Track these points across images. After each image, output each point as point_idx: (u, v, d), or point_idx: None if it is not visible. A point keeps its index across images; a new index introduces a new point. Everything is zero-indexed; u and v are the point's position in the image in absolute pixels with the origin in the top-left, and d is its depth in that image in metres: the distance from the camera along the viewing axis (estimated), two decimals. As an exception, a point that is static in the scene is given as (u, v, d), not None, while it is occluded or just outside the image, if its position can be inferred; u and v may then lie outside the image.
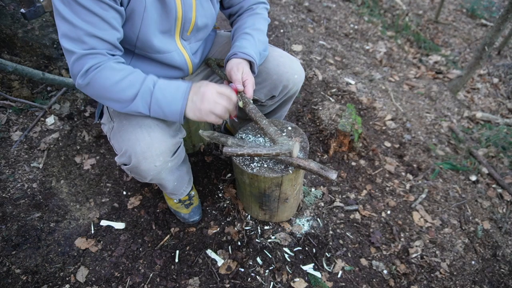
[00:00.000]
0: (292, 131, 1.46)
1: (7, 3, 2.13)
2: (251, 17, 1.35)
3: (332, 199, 1.94)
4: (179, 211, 1.70)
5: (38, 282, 1.47)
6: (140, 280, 1.52)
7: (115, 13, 0.99)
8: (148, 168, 1.14)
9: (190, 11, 1.15)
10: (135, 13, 1.04)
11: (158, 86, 1.04)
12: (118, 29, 1.02)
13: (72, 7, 0.93)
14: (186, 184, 1.58)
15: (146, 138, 1.10)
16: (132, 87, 1.02)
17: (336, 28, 3.93)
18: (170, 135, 1.17)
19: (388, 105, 2.77)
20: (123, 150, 1.13)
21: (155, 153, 1.12)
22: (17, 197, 1.73)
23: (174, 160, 1.24)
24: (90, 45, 0.97)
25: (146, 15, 1.05)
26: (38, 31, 2.22)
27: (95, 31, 0.96)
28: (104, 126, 1.28)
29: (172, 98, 1.04)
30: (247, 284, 1.54)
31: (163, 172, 1.22)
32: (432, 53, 4.30)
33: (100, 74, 0.99)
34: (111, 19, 0.98)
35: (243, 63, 1.21)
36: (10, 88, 2.14)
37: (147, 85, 1.03)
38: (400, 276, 1.68)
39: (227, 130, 2.12)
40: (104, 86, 1.01)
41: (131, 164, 1.13)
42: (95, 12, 0.94)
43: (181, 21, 1.15)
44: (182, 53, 1.26)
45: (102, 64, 0.99)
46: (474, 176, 2.35)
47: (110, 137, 1.21)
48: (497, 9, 5.40)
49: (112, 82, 1.00)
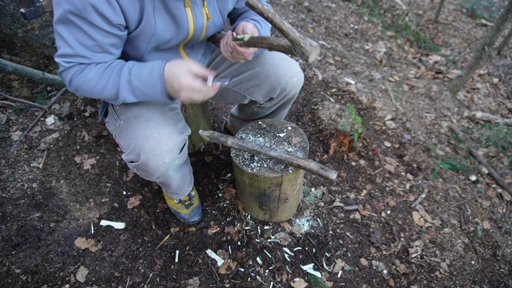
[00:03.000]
0: (292, 131, 1.46)
1: (7, 3, 2.13)
2: (256, 15, 1.36)
3: (332, 199, 1.94)
4: (179, 212, 1.70)
5: (38, 282, 1.47)
6: (140, 280, 1.52)
7: (114, 39, 0.99)
8: (157, 165, 1.14)
9: (201, 32, 1.17)
10: (144, 35, 1.04)
11: (134, 74, 1.02)
12: (113, 53, 1.02)
13: (70, 28, 0.92)
14: (188, 184, 1.58)
15: (155, 135, 1.11)
16: (111, 85, 1.02)
17: (336, 28, 3.93)
18: (177, 132, 1.18)
19: (388, 105, 2.77)
20: (131, 147, 1.13)
21: (164, 149, 1.12)
22: (17, 197, 1.73)
23: (181, 157, 1.25)
24: (77, 61, 0.98)
25: (154, 38, 1.06)
26: (38, 31, 2.22)
27: (88, 54, 0.97)
28: (109, 125, 1.27)
29: (149, 82, 1.02)
30: (247, 284, 1.55)
31: (171, 169, 1.23)
32: (432, 53, 4.30)
33: (79, 79, 1.00)
34: (107, 46, 0.98)
35: (249, 24, 1.19)
36: (10, 88, 2.14)
37: (124, 76, 1.02)
38: (400, 276, 1.68)
39: (227, 130, 2.12)
40: (87, 91, 1.03)
41: (140, 161, 1.13)
42: (92, 37, 0.94)
43: (190, 39, 1.17)
44: (184, 59, 1.29)
45: (82, 69, 1.00)
46: (474, 176, 2.35)
47: (117, 135, 1.21)
48: (497, 9, 5.40)
49: (91, 85, 1.01)
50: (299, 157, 1.27)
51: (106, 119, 1.30)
